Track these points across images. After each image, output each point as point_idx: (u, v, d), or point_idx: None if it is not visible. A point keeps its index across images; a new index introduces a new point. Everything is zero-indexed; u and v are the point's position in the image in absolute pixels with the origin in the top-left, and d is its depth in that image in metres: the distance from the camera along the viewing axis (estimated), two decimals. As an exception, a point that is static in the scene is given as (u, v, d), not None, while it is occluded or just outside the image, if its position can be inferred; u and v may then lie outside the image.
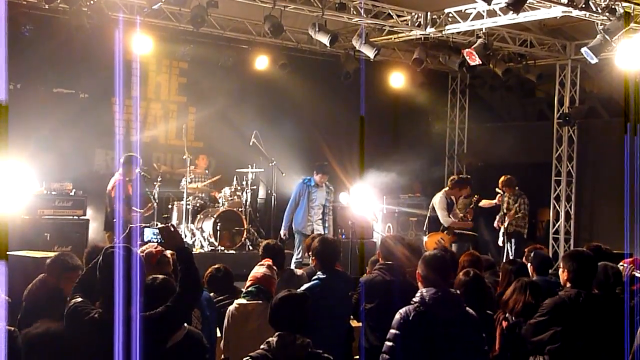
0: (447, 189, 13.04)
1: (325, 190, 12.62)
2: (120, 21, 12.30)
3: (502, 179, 13.34)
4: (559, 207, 15.71)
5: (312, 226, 12.22)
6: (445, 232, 12.59)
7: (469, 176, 13.75)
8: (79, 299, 4.66)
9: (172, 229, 5.00)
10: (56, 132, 13.09)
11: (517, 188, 13.33)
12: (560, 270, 6.19)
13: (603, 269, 6.43)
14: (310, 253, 7.21)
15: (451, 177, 13.52)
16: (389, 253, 6.93)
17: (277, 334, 4.86)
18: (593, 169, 16.22)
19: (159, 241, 5.00)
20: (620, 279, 6.51)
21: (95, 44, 12.71)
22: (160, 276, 5.07)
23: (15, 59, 11.58)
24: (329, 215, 12.69)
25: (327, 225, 12.46)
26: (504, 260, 10.86)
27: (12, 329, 5.20)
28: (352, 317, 7.13)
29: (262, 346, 4.78)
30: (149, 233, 5.00)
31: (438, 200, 12.78)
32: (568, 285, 6.02)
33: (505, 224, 13.08)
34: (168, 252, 5.91)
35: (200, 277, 5.00)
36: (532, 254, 7.94)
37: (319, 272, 6.86)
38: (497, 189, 13.27)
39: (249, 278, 6.67)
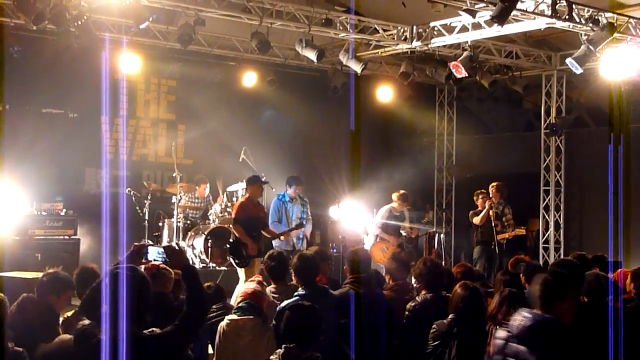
0: (393, 204, 13.48)
1: (300, 203, 12.63)
2: (107, 40, 12.35)
3: (495, 184, 13.42)
4: (548, 216, 15.77)
5: (292, 242, 12.23)
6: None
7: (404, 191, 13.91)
8: (87, 321, 4.64)
9: (177, 248, 4.99)
10: (46, 152, 13.10)
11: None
12: None
13: (594, 277, 6.49)
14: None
15: (400, 192, 13.67)
16: (357, 265, 7.02)
17: (283, 346, 4.86)
18: (581, 178, 16.30)
19: (164, 260, 4.98)
20: (611, 287, 6.54)
21: (84, 64, 12.73)
22: None
23: (4, 80, 11.67)
24: (305, 228, 12.59)
25: (301, 237, 12.41)
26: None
27: (21, 349, 5.21)
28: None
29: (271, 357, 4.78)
30: (153, 252, 4.97)
31: (381, 212, 13.34)
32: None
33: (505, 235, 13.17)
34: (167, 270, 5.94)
35: (205, 297, 4.98)
36: (523, 265, 7.98)
37: (299, 289, 6.90)
38: (479, 192, 13.32)
39: (239, 294, 6.70)
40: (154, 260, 4.98)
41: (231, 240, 11.61)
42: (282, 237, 11.82)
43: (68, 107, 14.06)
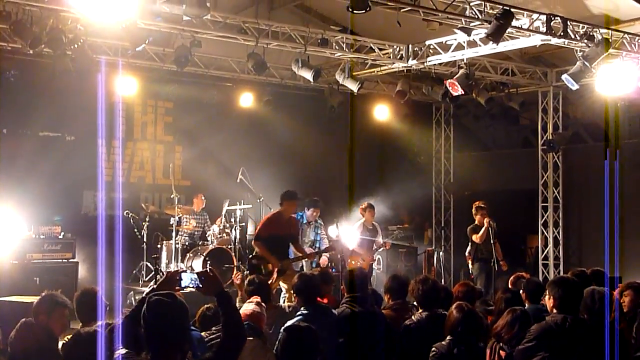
0: (363, 219, 13.60)
1: (315, 226, 12.68)
2: (104, 63, 12.37)
3: (482, 203, 13.35)
4: (547, 233, 15.75)
5: (302, 263, 12.17)
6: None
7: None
8: (124, 351, 4.54)
9: (212, 274, 4.83)
10: (43, 175, 13.07)
11: None
12: (547, 297, 6.22)
13: (590, 293, 6.47)
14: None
15: (365, 204, 13.75)
16: (354, 285, 7.00)
17: None
18: (579, 193, 16.32)
19: (197, 286, 4.86)
20: (607, 303, 6.52)
21: (80, 87, 12.75)
22: None
23: (1, 104, 11.69)
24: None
25: (315, 260, 12.40)
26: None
27: None
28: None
29: None
30: (187, 278, 4.85)
31: (355, 228, 13.51)
32: (554, 311, 6.06)
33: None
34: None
35: (242, 322, 4.90)
36: (523, 282, 7.95)
37: (302, 308, 6.88)
38: (479, 207, 13.27)
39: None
40: (189, 286, 4.88)
41: (250, 256, 11.45)
42: (310, 258, 11.75)
43: (65, 130, 14.07)
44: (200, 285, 4.77)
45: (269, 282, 9.22)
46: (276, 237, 11.07)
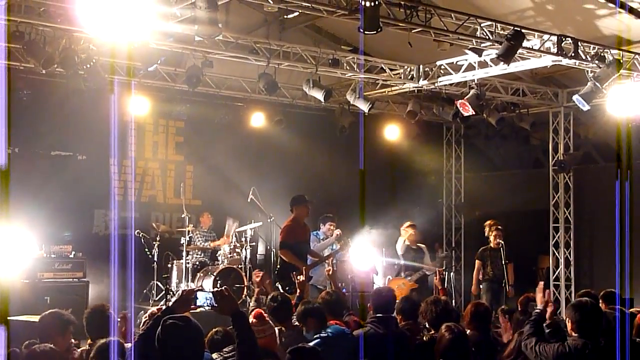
0: (405, 238, 13.24)
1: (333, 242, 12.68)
2: (116, 83, 12.44)
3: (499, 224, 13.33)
4: (558, 254, 15.68)
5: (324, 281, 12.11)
6: (408, 278, 12.78)
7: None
8: None
9: (227, 293, 4.84)
10: (55, 194, 13.10)
11: None
12: (566, 319, 6.18)
13: (605, 316, 6.43)
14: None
15: (409, 223, 13.58)
16: (380, 305, 6.95)
17: None
18: (590, 214, 16.25)
19: (212, 305, 4.83)
20: (618, 323, 6.45)
21: (92, 106, 12.82)
22: None
23: (13, 123, 11.71)
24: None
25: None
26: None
27: None
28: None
29: None
30: (202, 297, 4.83)
31: (399, 249, 13.11)
32: (574, 334, 6.00)
33: None
34: None
35: (257, 344, 4.87)
36: (533, 303, 7.89)
37: (321, 331, 6.85)
38: (493, 225, 13.21)
39: None
40: (204, 305, 4.85)
41: (278, 266, 11.35)
42: (326, 261, 11.57)
43: (77, 150, 14.11)
44: (216, 305, 4.76)
45: (301, 287, 9.16)
46: (298, 243, 11.21)
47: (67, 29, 10.50)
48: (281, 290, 10.37)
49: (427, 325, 7.48)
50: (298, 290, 8.76)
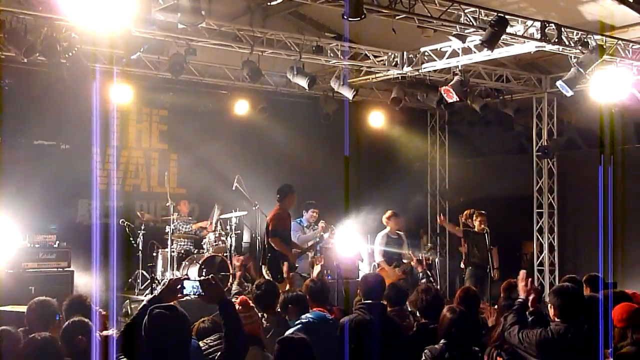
0: (387, 227, 13.26)
1: (314, 228, 12.69)
2: (99, 71, 12.36)
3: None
4: (542, 239, 15.78)
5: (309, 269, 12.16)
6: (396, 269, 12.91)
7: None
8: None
9: (214, 282, 4.84)
10: (38, 184, 13.02)
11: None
12: (548, 305, 6.21)
13: (588, 300, 6.46)
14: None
15: (390, 212, 13.57)
16: (369, 291, 6.96)
17: None
18: (574, 200, 16.32)
19: (199, 294, 4.83)
20: (601, 308, 6.48)
21: (75, 95, 12.72)
22: None
23: (-5, 113, 11.66)
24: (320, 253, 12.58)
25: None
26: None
27: None
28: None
29: None
30: (189, 285, 4.83)
31: (378, 239, 13.17)
32: (557, 320, 6.04)
33: None
34: None
35: (244, 331, 4.88)
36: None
37: (302, 317, 6.87)
38: (480, 214, 13.29)
39: None
40: (190, 294, 4.85)
41: (269, 254, 11.35)
42: (309, 252, 11.84)
43: (60, 139, 14.03)
44: (202, 293, 4.76)
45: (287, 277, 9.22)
46: (286, 232, 11.36)
47: (48, 17, 10.42)
48: (268, 278, 10.42)
49: (417, 313, 7.52)
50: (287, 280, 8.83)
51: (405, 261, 13.28)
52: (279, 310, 7.36)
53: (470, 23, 10.93)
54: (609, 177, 12.72)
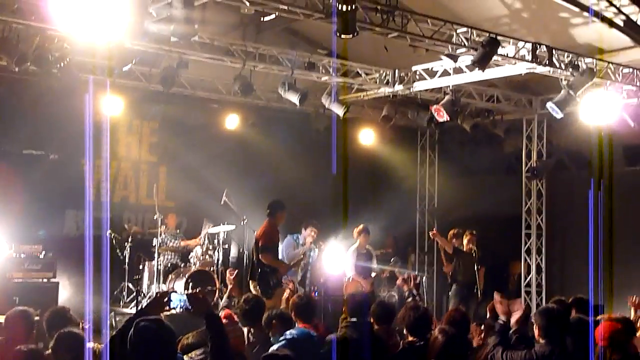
0: (355, 242, 13.39)
1: (310, 248, 12.69)
2: (90, 82, 12.33)
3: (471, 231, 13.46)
4: (530, 260, 15.78)
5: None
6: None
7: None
8: None
9: (201, 296, 4.86)
10: (26, 193, 12.99)
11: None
12: (534, 325, 6.21)
13: (577, 321, 6.46)
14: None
15: (360, 227, 13.61)
16: (355, 309, 6.94)
17: None
18: (562, 221, 16.34)
19: (186, 307, 4.81)
20: (591, 331, 6.49)
21: (65, 105, 12.73)
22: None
23: (-16, 121, 11.62)
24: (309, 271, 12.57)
25: (307, 282, 12.33)
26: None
27: None
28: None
29: None
30: (176, 299, 4.81)
31: (349, 254, 13.23)
32: (542, 341, 6.03)
33: None
34: None
35: (229, 345, 4.86)
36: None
37: (286, 333, 6.85)
38: (470, 233, 13.34)
39: None
40: (176, 308, 4.83)
41: (259, 270, 11.27)
42: (294, 268, 11.93)
43: (49, 149, 13.97)
44: (189, 307, 4.75)
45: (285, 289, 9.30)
46: (275, 247, 11.47)
47: (40, 27, 10.37)
48: (255, 293, 10.38)
49: (404, 331, 7.49)
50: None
51: (373, 274, 13.63)
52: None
53: (462, 43, 10.97)
54: (599, 199, 12.75)
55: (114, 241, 13.48)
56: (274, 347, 6.56)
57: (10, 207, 12.45)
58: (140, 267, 13.75)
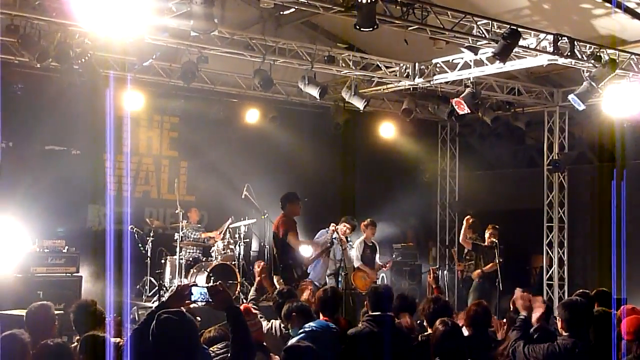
0: (363, 235, 13.39)
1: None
2: (111, 78, 12.39)
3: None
4: (552, 253, 15.70)
5: (326, 279, 12.10)
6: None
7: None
8: None
9: (222, 288, 4.83)
10: (48, 189, 13.06)
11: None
12: (557, 318, 6.18)
13: (600, 315, 6.42)
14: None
15: (366, 221, 13.54)
16: (377, 303, 6.93)
17: None
18: (584, 214, 16.24)
19: (207, 300, 4.82)
20: (614, 324, 6.46)
21: (87, 101, 12.79)
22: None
23: (7, 117, 11.70)
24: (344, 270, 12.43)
25: (340, 280, 12.22)
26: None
27: None
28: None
29: None
30: (197, 292, 4.82)
31: (356, 245, 13.25)
32: (565, 333, 6.00)
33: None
34: None
35: (251, 338, 4.87)
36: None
37: (305, 325, 6.85)
38: (492, 226, 13.26)
39: None
40: (198, 301, 4.84)
41: (281, 265, 11.18)
42: (321, 257, 11.78)
43: (71, 144, 14.07)
44: (210, 300, 4.75)
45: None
46: (295, 230, 11.29)
47: (62, 23, 10.45)
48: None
49: (424, 323, 7.47)
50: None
51: (388, 265, 13.80)
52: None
53: (483, 35, 10.92)
54: (622, 192, 12.64)
55: (136, 235, 13.55)
56: (294, 339, 6.57)
57: (33, 203, 12.53)
58: (162, 261, 13.81)
